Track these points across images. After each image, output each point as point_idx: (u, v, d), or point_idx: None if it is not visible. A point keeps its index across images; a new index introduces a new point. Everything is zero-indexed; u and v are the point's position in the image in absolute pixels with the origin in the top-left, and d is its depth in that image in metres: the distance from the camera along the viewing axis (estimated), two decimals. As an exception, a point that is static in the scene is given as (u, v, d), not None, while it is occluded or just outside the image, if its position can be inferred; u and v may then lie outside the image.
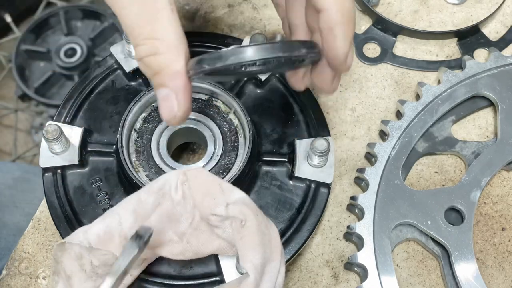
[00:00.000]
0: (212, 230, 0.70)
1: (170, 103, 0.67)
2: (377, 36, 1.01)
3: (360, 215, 0.85)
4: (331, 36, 0.67)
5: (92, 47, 2.08)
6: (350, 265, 0.84)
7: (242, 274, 0.72)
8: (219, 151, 0.83)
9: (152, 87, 0.84)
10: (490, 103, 0.94)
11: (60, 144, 0.81)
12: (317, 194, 0.82)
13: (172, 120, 0.69)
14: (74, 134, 0.84)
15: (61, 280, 0.70)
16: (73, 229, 0.79)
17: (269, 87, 0.89)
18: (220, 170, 0.82)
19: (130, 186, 0.80)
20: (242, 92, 0.88)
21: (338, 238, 0.87)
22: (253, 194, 0.82)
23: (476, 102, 0.94)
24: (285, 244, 0.80)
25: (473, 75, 0.92)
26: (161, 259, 0.75)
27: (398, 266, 0.85)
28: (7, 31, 2.22)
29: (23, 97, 2.11)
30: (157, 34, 0.65)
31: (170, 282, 0.77)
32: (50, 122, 0.83)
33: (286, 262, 0.78)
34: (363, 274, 0.82)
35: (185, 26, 1.02)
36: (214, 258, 0.76)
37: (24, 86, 2.07)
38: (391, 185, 0.86)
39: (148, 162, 0.83)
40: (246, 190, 0.81)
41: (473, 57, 0.97)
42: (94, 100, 0.88)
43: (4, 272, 0.85)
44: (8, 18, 2.15)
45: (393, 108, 0.95)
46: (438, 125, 0.91)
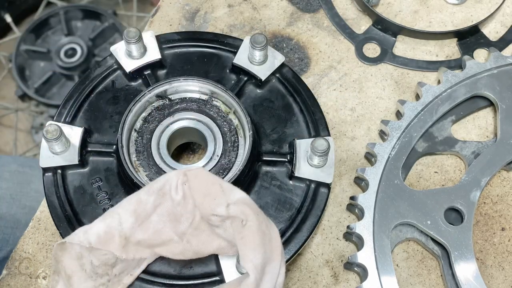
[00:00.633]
0: (212, 229, 0.70)
1: None
2: (377, 36, 1.01)
3: (360, 215, 0.85)
4: None
5: (92, 47, 2.08)
6: (350, 265, 0.84)
7: (242, 274, 0.72)
8: (219, 151, 0.83)
9: (152, 87, 0.84)
10: (490, 103, 0.94)
11: (60, 144, 0.81)
12: (317, 194, 0.83)
13: None
14: (74, 134, 0.84)
15: (61, 279, 0.70)
16: (73, 229, 0.79)
17: (269, 87, 0.89)
18: (220, 170, 0.82)
19: (130, 186, 0.80)
20: (242, 92, 0.88)
21: (338, 238, 0.87)
22: (253, 194, 0.82)
23: (476, 102, 0.94)
24: (285, 244, 0.80)
25: (473, 75, 0.93)
26: (161, 259, 0.76)
27: (398, 266, 0.85)
28: (7, 31, 2.22)
29: (23, 97, 2.11)
30: None
31: (170, 282, 0.77)
32: (50, 122, 0.83)
33: (286, 262, 0.78)
34: (363, 274, 0.82)
35: (185, 26, 1.02)
36: (214, 258, 0.76)
37: (24, 86, 2.07)
38: (391, 185, 0.86)
39: (148, 162, 0.83)
40: (246, 190, 0.81)
41: (473, 57, 0.97)
42: (94, 100, 0.88)
43: (4, 272, 0.85)
44: (8, 18, 2.15)
45: (393, 108, 0.95)
46: (438, 125, 0.91)
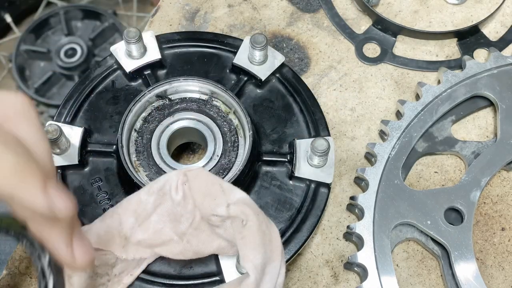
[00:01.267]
0: (212, 230, 0.70)
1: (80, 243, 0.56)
2: (377, 36, 1.01)
3: (360, 215, 0.85)
4: None
5: (92, 47, 2.08)
6: (350, 265, 0.84)
7: (242, 274, 0.72)
8: (219, 151, 0.83)
9: (152, 87, 0.84)
10: (490, 103, 0.94)
11: (60, 144, 0.81)
12: (317, 194, 0.83)
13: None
14: (74, 134, 0.84)
15: None
16: (73, 229, 0.79)
17: (269, 87, 0.89)
18: (220, 170, 0.82)
19: (130, 186, 0.80)
20: (242, 92, 0.88)
21: (338, 238, 0.87)
22: (253, 194, 0.82)
23: (476, 102, 0.94)
24: (285, 244, 0.80)
25: (473, 75, 0.93)
26: (161, 259, 0.76)
27: (398, 266, 0.85)
28: (7, 31, 2.22)
29: (23, 97, 2.11)
30: None
31: (170, 282, 0.77)
32: (50, 122, 0.83)
33: (286, 262, 0.78)
34: (363, 274, 0.82)
35: (185, 26, 1.02)
36: (214, 258, 0.76)
37: (24, 86, 2.06)
38: (391, 185, 0.86)
39: (148, 162, 0.83)
40: (246, 190, 0.81)
41: (473, 57, 0.97)
42: (94, 100, 0.88)
43: (4, 272, 0.85)
44: (8, 18, 2.15)
45: (393, 108, 0.95)
46: (438, 125, 0.91)
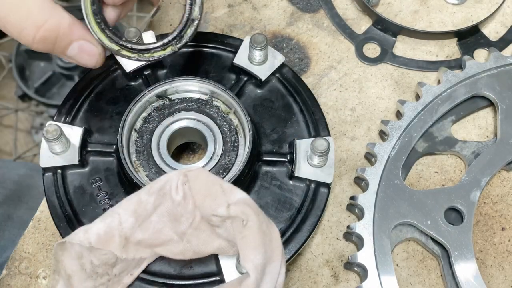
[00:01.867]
0: (212, 229, 0.70)
1: (88, 50, 0.76)
2: (377, 36, 1.01)
3: (360, 215, 0.85)
4: None
5: (92, 47, 2.08)
6: (350, 265, 0.84)
7: (242, 274, 0.72)
8: (219, 151, 0.83)
9: (152, 87, 0.84)
10: (490, 103, 0.94)
11: (60, 144, 0.81)
12: (317, 194, 0.83)
13: (98, 58, 0.78)
14: (74, 134, 0.84)
15: (61, 279, 0.70)
16: (73, 228, 0.79)
17: (269, 87, 0.89)
18: (220, 170, 0.82)
19: (130, 186, 0.80)
20: (242, 92, 0.89)
21: (338, 238, 0.87)
22: (253, 194, 0.82)
23: (476, 102, 0.94)
24: (285, 244, 0.80)
25: (473, 75, 0.93)
26: (161, 259, 0.76)
27: (398, 266, 0.86)
28: (7, 31, 2.21)
29: (23, 97, 2.11)
30: (24, 14, 0.73)
31: (170, 282, 0.77)
32: (50, 122, 0.83)
33: (286, 262, 0.78)
34: (363, 274, 0.82)
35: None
36: (214, 258, 0.76)
37: (24, 86, 2.07)
38: (391, 185, 0.86)
39: (148, 162, 0.83)
40: (246, 190, 0.81)
41: (473, 57, 0.97)
42: (94, 100, 0.88)
43: (4, 272, 0.85)
44: (8, 18, 2.15)
45: (393, 108, 0.95)
46: (438, 125, 0.92)
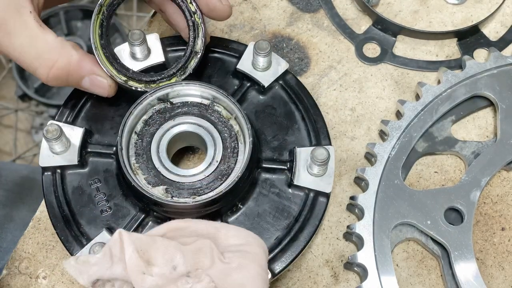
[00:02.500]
0: None
1: (98, 83, 0.81)
2: (377, 36, 1.01)
3: (360, 215, 0.85)
4: None
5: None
6: (350, 265, 0.84)
7: None
8: (219, 157, 0.83)
9: (154, 90, 0.83)
10: (490, 103, 0.94)
11: (60, 144, 0.81)
12: (315, 203, 0.82)
13: (109, 89, 0.82)
14: (75, 134, 0.83)
15: None
16: (70, 229, 0.80)
17: (271, 94, 0.89)
18: (218, 176, 0.82)
19: (128, 189, 0.80)
20: (245, 98, 0.88)
21: (338, 238, 0.87)
22: (251, 201, 0.82)
23: (476, 102, 0.94)
24: (281, 252, 0.79)
25: (473, 75, 0.93)
26: None
27: (398, 266, 0.86)
28: (7, 31, 2.21)
29: (23, 97, 2.11)
30: (41, 52, 0.75)
31: None
32: (51, 121, 0.83)
33: (282, 270, 0.78)
34: (363, 274, 0.82)
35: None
36: None
37: (24, 86, 2.07)
38: (391, 185, 0.86)
39: (147, 166, 0.82)
40: (245, 196, 0.82)
41: (473, 57, 0.97)
42: (96, 101, 0.87)
43: (4, 272, 0.85)
44: (8, 18, 2.15)
45: (393, 108, 0.95)
46: (438, 125, 0.92)
